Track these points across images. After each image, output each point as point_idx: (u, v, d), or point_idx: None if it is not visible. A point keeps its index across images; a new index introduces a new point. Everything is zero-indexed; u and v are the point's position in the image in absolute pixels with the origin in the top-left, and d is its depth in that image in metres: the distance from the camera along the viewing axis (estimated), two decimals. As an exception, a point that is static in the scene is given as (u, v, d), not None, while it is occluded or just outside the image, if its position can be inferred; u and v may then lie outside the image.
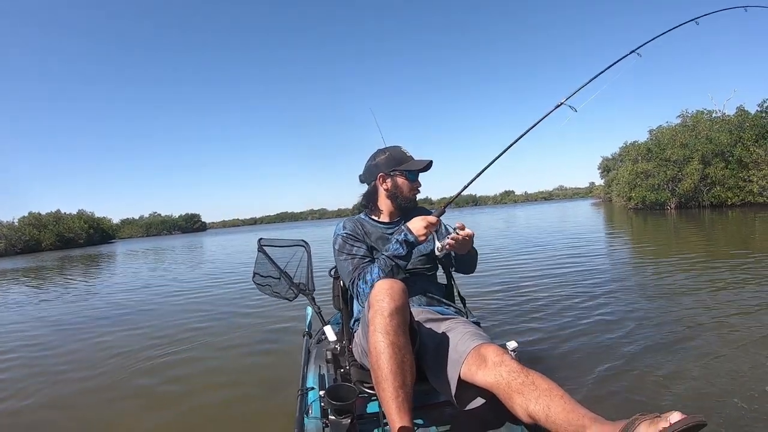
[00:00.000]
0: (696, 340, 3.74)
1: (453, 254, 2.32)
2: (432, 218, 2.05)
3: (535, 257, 9.86)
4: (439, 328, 2.00)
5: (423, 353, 1.93)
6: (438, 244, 2.08)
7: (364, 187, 2.45)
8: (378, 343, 1.66)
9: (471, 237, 2.11)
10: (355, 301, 2.28)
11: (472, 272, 2.44)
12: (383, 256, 2.06)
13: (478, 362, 1.71)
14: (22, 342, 5.99)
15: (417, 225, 2.03)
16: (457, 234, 2.05)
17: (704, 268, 7.05)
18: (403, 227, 2.06)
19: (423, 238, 2.03)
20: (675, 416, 1.21)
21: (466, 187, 2.20)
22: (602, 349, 3.74)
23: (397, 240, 2.05)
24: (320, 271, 3.06)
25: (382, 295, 1.70)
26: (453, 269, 2.48)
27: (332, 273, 2.47)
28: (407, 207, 2.35)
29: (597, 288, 6.07)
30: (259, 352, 4.59)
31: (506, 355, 1.69)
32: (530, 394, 1.52)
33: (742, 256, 7.98)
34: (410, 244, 2.03)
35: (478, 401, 1.78)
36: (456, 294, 2.50)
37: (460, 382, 1.76)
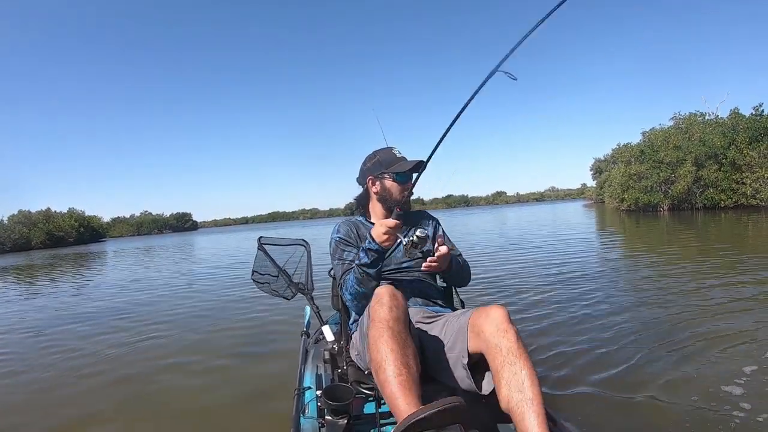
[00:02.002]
0: (679, 340, 3.77)
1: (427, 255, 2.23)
2: (390, 222, 1.94)
3: (528, 258, 9.85)
4: (437, 324, 1.97)
5: (423, 351, 1.89)
6: (404, 242, 1.95)
7: (357, 187, 2.45)
8: (376, 329, 1.62)
9: (443, 256, 2.08)
10: None
11: (465, 285, 2.41)
12: (354, 264, 2.06)
13: (483, 316, 1.72)
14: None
15: (376, 231, 1.96)
16: (417, 240, 1.93)
17: (695, 267, 7.09)
18: (368, 234, 2.01)
19: (386, 243, 1.95)
20: None
21: (417, 178, 2.17)
22: (596, 354, 3.67)
23: (363, 248, 2.02)
24: (320, 271, 3.04)
25: (381, 296, 1.69)
26: (442, 280, 2.42)
27: (331, 273, 2.46)
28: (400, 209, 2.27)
29: (590, 289, 6.08)
30: (256, 351, 4.58)
31: (511, 326, 1.67)
32: (515, 395, 1.55)
33: (733, 256, 8.04)
34: (375, 252, 1.98)
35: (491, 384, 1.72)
36: (455, 297, 2.47)
37: (470, 359, 1.75)
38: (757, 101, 27.90)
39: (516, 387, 1.55)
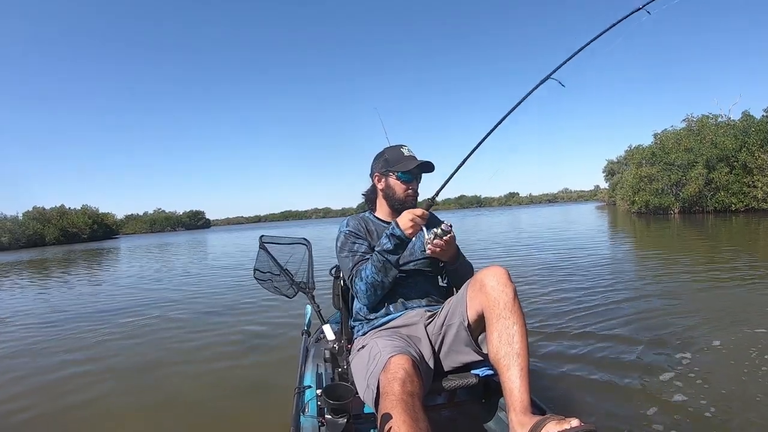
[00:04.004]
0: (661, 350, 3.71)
1: (441, 264, 2.28)
2: (418, 211, 2.01)
3: (536, 261, 9.79)
4: (440, 314, 2.02)
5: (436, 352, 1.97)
6: (426, 237, 2.00)
7: (367, 186, 2.45)
8: (388, 401, 1.55)
9: (452, 240, 2.07)
10: (355, 300, 2.26)
11: None
12: (375, 252, 2.07)
13: (486, 272, 1.82)
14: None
15: (403, 218, 2.01)
16: (439, 231, 1.98)
17: (703, 272, 7.05)
18: (393, 221, 2.05)
19: (410, 231, 1.99)
20: (574, 422, 1.40)
21: (453, 174, 2.15)
22: (600, 362, 3.62)
23: (386, 234, 2.04)
24: (321, 270, 3.05)
25: (395, 371, 1.64)
26: (445, 282, 2.42)
27: (332, 272, 2.46)
28: (403, 210, 2.22)
29: (597, 296, 5.91)
30: (257, 349, 4.60)
31: (511, 283, 1.78)
32: (503, 348, 1.68)
33: (741, 261, 7.95)
34: (398, 238, 2.00)
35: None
36: None
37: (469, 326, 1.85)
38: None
39: (506, 340, 1.68)
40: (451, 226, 2.03)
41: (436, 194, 2.18)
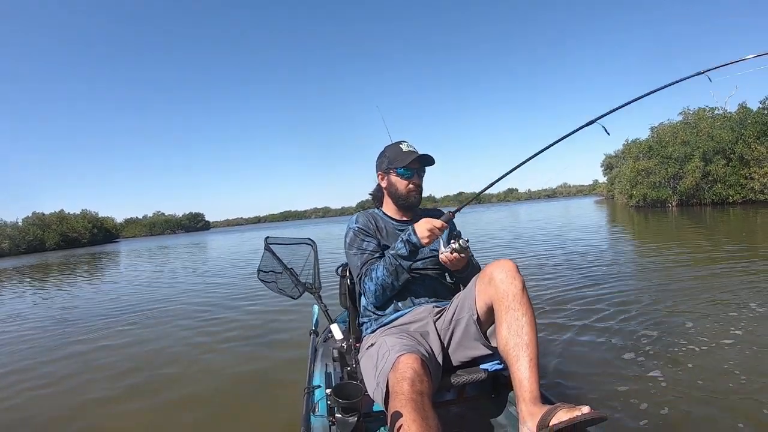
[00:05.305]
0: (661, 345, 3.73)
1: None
2: (438, 222, 2.03)
3: (536, 256, 9.77)
4: (449, 309, 2.05)
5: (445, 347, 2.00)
6: (442, 249, 2.07)
7: (368, 185, 2.49)
8: (398, 401, 1.57)
9: (466, 258, 2.13)
10: (363, 298, 2.26)
11: None
12: (388, 255, 2.09)
13: (495, 265, 1.86)
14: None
15: (422, 227, 2.02)
16: (458, 247, 2.05)
17: (701, 266, 7.07)
18: (409, 227, 2.07)
19: (426, 240, 2.01)
20: (585, 408, 1.44)
21: (481, 193, 2.26)
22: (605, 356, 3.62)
23: (402, 239, 2.06)
24: (327, 270, 3.06)
25: (403, 370, 1.65)
26: (453, 281, 2.44)
27: (339, 271, 2.47)
28: (408, 205, 2.34)
29: (598, 297, 5.69)
30: (266, 350, 4.65)
31: (519, 275, 1.82)
32: (512, 339, 1.70)
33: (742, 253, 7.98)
34: (413, 245, 2.03)
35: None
36: None
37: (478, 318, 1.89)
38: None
39: (515, 331, 1.70)
40: (468, 241, 2.09)
41: (458, 210, 2.27)
